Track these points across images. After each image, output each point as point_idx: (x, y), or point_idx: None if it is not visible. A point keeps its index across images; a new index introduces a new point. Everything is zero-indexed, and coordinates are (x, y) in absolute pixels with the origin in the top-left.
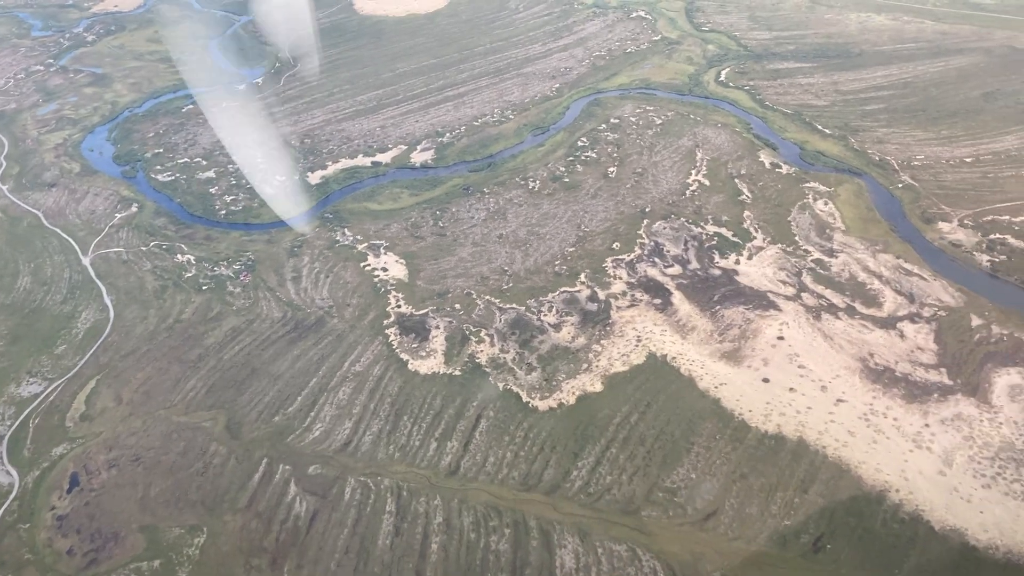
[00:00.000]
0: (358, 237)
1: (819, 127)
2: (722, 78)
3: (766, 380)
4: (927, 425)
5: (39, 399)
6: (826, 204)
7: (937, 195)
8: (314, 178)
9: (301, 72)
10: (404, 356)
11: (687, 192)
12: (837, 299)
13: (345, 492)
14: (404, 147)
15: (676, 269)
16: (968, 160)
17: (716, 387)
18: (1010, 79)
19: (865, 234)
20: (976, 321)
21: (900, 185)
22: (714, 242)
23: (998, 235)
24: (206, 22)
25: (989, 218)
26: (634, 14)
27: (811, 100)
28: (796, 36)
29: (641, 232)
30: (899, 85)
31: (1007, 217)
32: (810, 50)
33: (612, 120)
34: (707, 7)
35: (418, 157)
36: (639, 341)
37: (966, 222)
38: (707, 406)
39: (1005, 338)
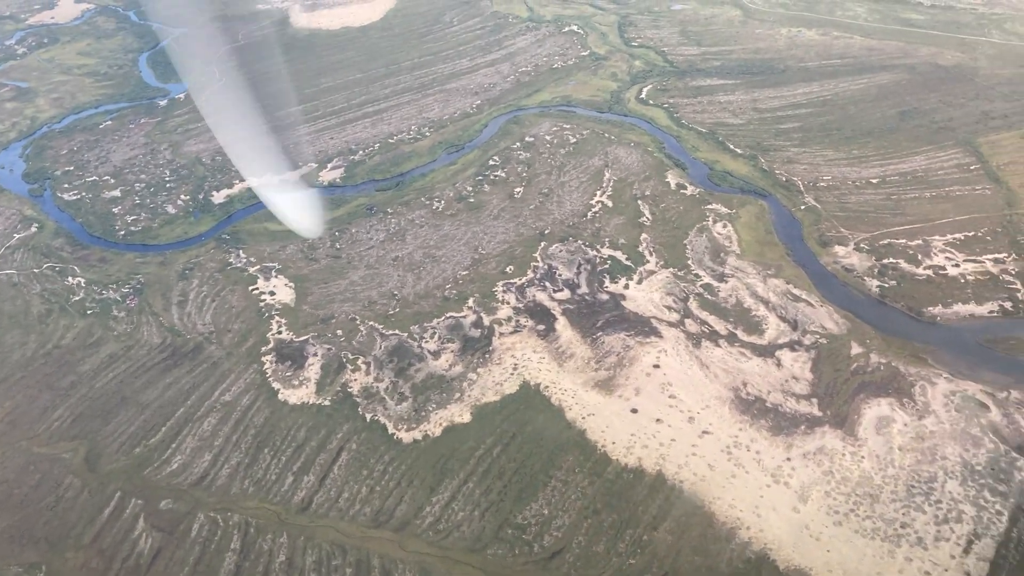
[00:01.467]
0: (251, 259)
1: (731, 146)
2: (643, 95)
3: (635, 410)
4: (789, 459)
5: None
6: (725, 227)
7: (838, 217)
8: (219, 197)
9: (224, 87)
10: (276, 385)
11: (589, 214)
12: (720, 326)
13: (193, 528)
14: (314, 165)
15: (565, 294)
16: (874, 181)
17: (584, 418)
18: (928, 98)
19: (759, 258)
20: (856, 349)
21: (803, 207)
22: (607, 266)
23: (892, 259)
24: (141, 35)
25: (886, 242)
26: (566, 28)
27: (728, 118)
28: (723, 52)
29: (537, 255)
30: (818, 103)
31: (903, 241)
32: (735, 66)
33: (527, 138)
34: (640, 21)
35: (327, 175)
36: (515, 369)
37: (862, 246)
38: (572, 438)
39: (882, 367)
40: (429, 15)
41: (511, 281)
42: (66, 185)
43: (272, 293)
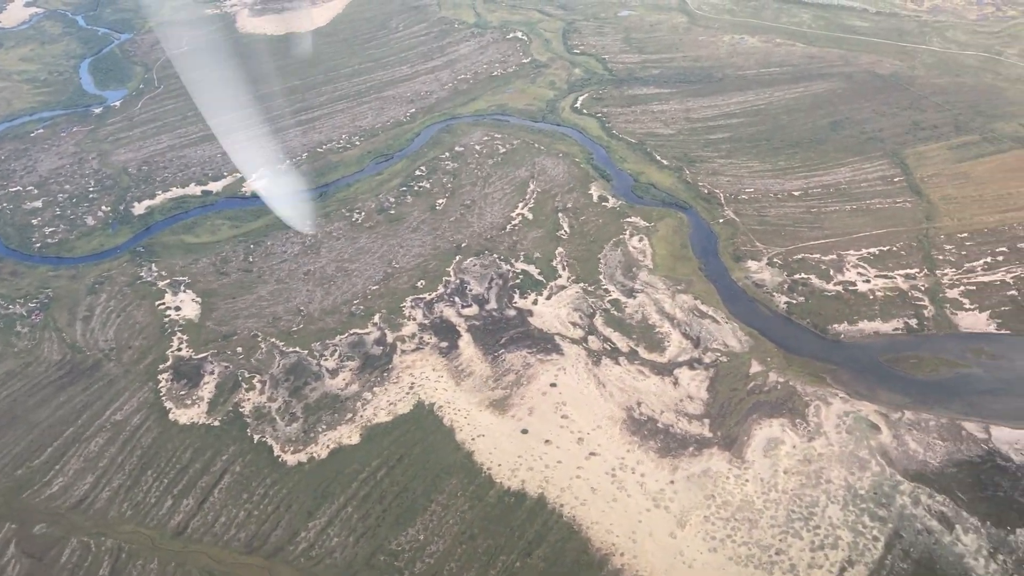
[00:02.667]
0: (162, 273)
1: (658, 157)
2: (578, 104)
3: (525, 431)
4: (672, 482)
5: None
6: (641, 241)
7: (755, 231)
8: (140, 208)
9: (161, 94)
10: (168, 404)
11: (508, 226)
12: (623, 343)
13: (64, 554)
14: (240, 175)
15: (473, 309)
16: (796, 193)
17: (473, 439)
18: (862, 107)
19: (671, 273)
20: (756, 368)
21: (721, 220)
22: (519, 281)
23: (803, 275)
24: (87, 40)
25: (800, 256)
26: (511, 35)
27: (659, 128)
28: (664, 60)
29: (450, 269)
30: (751, 112)
31: (818, 255)
32: (673, 74)
33: (457, 148)
34: (585, 28)
35: (251, 186)
36: (411, 388)
37: (775, 261)
38: (459, 460)
39: (779, 386)
40: (376, 20)
41: (420, 296)
42: None
43: (178, 308)
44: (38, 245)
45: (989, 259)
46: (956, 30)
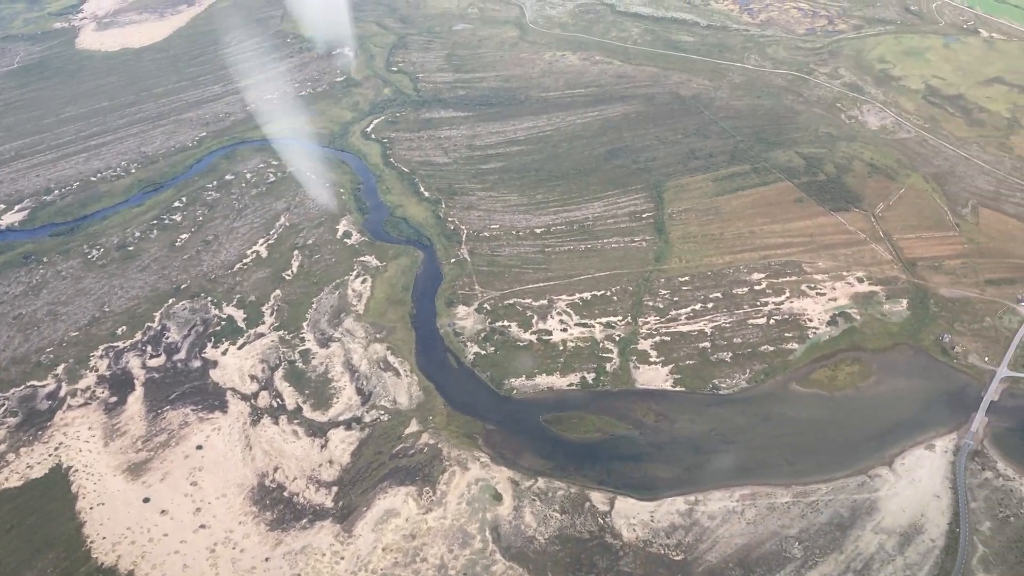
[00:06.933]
0: None
1: (423, 189)
2: (370, 128)
3: (147, 500)
4: (268, 559)
5: None
6: (364, 282)
7: (482, 272)
8: None
9: None
10: None
11: (238, 265)
12: (292, 399)
13: None
14: (2, 206)
15: (160, 359)
16: (539, 231)
17: (92, 508)
18: (647, 134)
19: (379, 319)
20: (412, 428)
21: (453, 260)
22: (220, 327)
23: (505, 322)
24: None
25: (511, 301)
26: (337, 50)
27: (437, 157)
28: (475, 79)
29: (157, 314)
30: (535, 139)
31: (530, 300)
32: (478, 96)
33: (227, 176)
34: (414, 43)
35: (10, 218)
36: (57, 450)
37: (485, 307)
38: (67, 532)
39: (426, 450)
40: (213, 35)
41: (115, 344)
42: None
43: None
44: None
45: (699, 305)
46: (778, 46)
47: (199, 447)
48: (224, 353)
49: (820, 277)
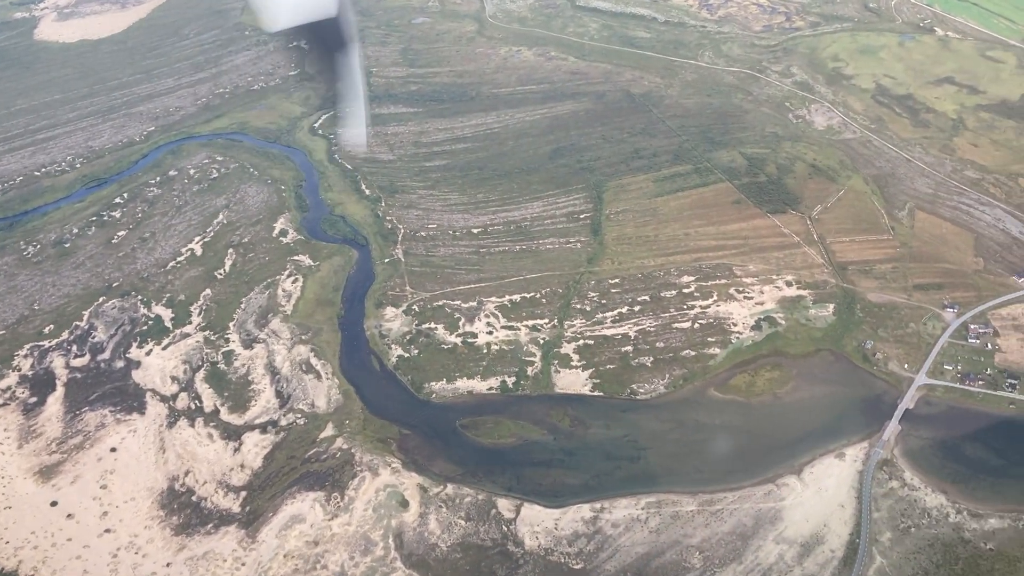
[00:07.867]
0: None
1: (364, 187)
2: (318, 124)
3: (55, 503)
4: (169, 564)
5: None
6: (295, 282)
7: (413, 273)
8: None
9: None
10: None
11: (171, 264)
12: (211, 401)
13: None
14: None
15: (85, 359)
16: (476, 231)
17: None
18: (593, 132)
19: (306, 320)
20: (327, 432)
21: (387, 260)
22: (146, 327)
23: (431, 324)
24: None
25: (441, 303)
26: (293, 43)
27: (382, 154)
28: (429, 74)
29: (86, 313)
30: (482, 137)
31: (459, 302)
32: (429, 92)
33: (171, 172)
34: (371, 36)
35: None
36: None
37: (414, 308)
38: None
39: (339, 454)
40: (171, 27)
41: (40, 344)
42: None
43: None
44: None
45: (626, 308)
46: (734, 43)
47: (113, 449)
48: (148, 353)
49: (749, 280)
